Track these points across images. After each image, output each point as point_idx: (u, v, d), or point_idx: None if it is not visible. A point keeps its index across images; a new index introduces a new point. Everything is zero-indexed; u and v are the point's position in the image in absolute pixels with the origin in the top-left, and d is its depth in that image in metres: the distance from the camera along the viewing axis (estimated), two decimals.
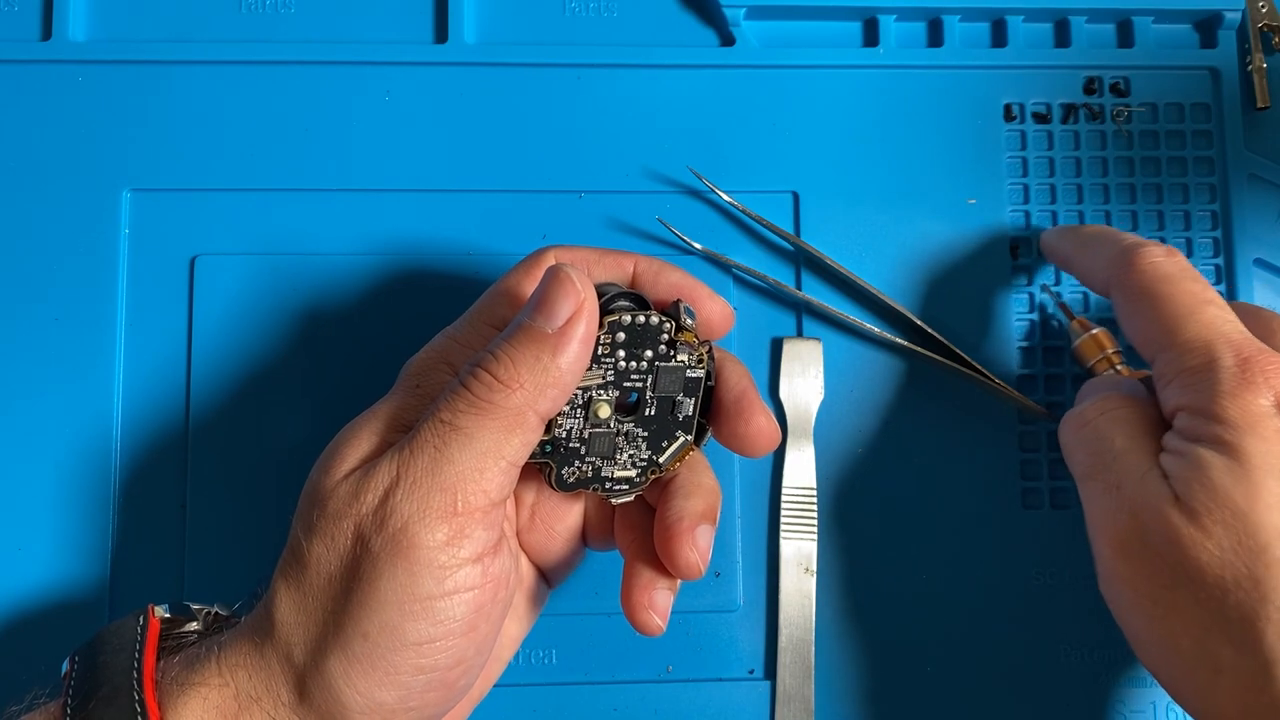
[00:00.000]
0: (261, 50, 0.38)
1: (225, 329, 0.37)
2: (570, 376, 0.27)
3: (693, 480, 0.30)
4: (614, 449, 0.29)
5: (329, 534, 0.26)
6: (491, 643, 0.28)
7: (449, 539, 0.26)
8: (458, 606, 0.26)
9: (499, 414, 0.26)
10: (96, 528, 0.36)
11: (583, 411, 0.29)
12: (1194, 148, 0.40)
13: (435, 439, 0.26)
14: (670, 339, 0.28)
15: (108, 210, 0.37)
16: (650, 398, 0.29)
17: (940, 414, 0.38)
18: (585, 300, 0.27)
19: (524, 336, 0.27)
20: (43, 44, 0.38)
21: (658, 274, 0.31)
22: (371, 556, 0.25)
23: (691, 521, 0.29)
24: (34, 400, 0.36)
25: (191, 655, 0.27)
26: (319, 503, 0.27)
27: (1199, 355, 0.29)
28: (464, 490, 0.26)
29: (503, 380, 0.26)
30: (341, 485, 0.27)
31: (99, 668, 0.27)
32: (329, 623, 0.26)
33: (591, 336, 0.27)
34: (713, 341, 0.31)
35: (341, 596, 0.26)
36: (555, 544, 0.32)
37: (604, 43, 0.39)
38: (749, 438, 0.30)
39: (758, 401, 0.30)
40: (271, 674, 0.26)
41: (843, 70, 0.39)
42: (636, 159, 0.39)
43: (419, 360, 0.30)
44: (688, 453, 0.30)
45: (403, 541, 0.25)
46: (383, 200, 0.38)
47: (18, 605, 0.35)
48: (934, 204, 0.39)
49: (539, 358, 0.26)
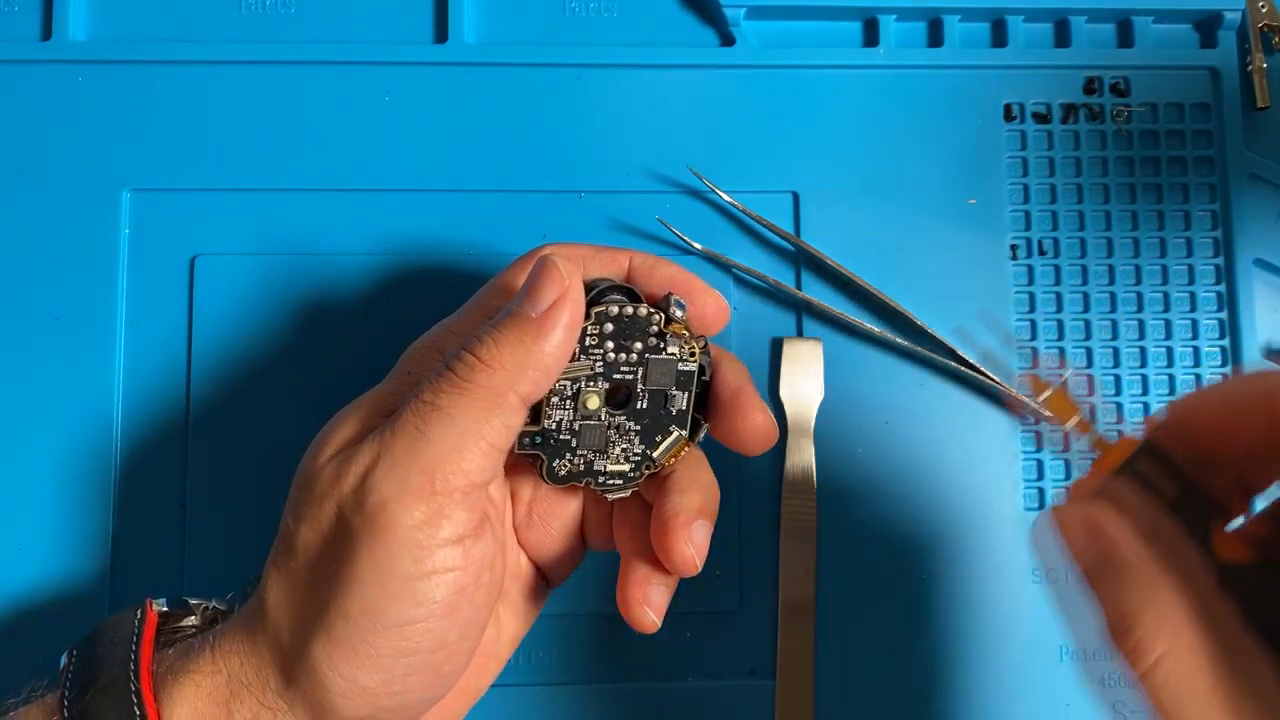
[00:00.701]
0: (261, 50, 0.38)
1: (225, 329, 0.37)
2: (552, 360, 0.27)
3: (690, 476, 0.30)
4: (606, 442, 0.29)
5: (313, 516, 0.26)
6: (477, 628, 0.28)
7: (427, 519, 0.26)
8: (437, 588, 0.26)
9: (479, 394, 0.26)
10: (96, 525, 0.36)
11: (572, 403, 0.29)
12: (1194, 148, 0.40)
13: (416, 419, 0.26)
14: (660, 331, 0.29)
15: (108, 210, 0.37)
16: (641, 390, 0.29)
17: (940, 414, 0.38)
18: (570, 287, 0.27)
19: (509, 320, 0.27)
20: (43, 44, 0.38)
21: (652, 269, 0.31)
22: (351, 536, 0.26)
23: (688, 517, 0.29)
24: (34, 399, 0.36)
25: (187, 646, 0.27)
26: (305, 486, 0.27)
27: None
28: (443, 470, 0.26)
29: (484, 360, 0.26)
30: (326, 467, 0.27)
31: (96, 660, 0.27)
32: (313, 605, 0.26)
33: (576, 323, 0.27)
34: (708, 337, 0.31)
35: (325, 579, 0.26)
36: (553, 541, 0.32)
37: (604, 43, 0.39)
38: (746, 435, 0.30)
39: (755, 398, 0.30)
40: (262, 659, 0.26)
41: (843, 70, 0.39)
42: (636, 159, 0.39)
43: (413, 348, 0.30)
44: (682, 448, 0.30)
45: (380, 520, 0.25)
46: (383, 200, 0.38)
47: (18, 601, 0.35)
48: (934, 204, 0.39)
49: (521, 340, 0.27)
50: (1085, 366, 0.38)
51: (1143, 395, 0.38)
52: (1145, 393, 0.38)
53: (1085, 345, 0.39)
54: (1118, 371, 0.38)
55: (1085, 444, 0.26)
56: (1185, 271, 0.39)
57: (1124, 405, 0.38)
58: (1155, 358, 0.39)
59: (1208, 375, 0.38)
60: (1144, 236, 0.39)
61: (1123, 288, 0.39)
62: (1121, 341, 0.39)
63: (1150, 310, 0.39)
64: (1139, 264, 0.39)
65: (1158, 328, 0.39)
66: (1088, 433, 0.26)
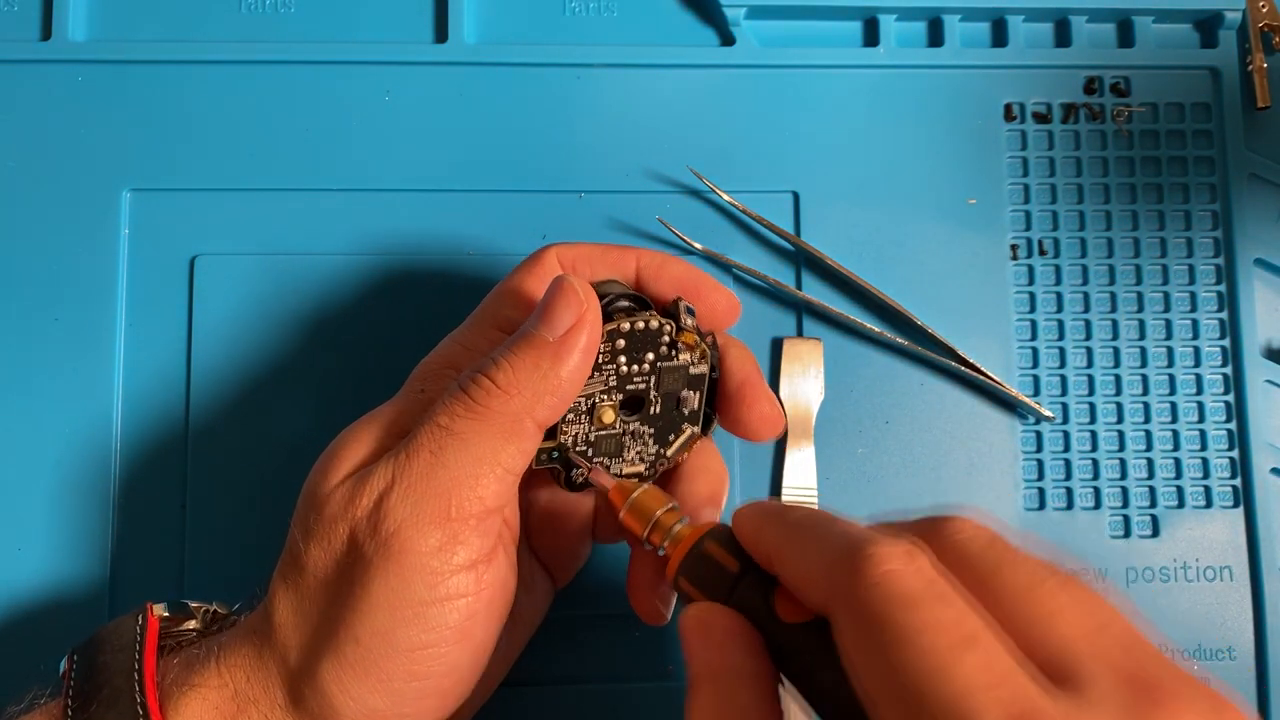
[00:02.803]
0: (261, 50, 0.38)
1: (225, 329, 0.37)
2: (570, 385, 0.27)
3: (698, 465, 0.30)
4: (621, 448, 0.29)
5: (325, 537, 0.26)
6: (487, 651, 0.28)
7: (442, 544, 0.25)
8: (450, 614, 0.26)
9: (496, 420, 0.26)
10: (96, 526, 0.36)
11: (587, 417, 0.29)
12: (1194, 147, 0.40)
13: (431, 443, 0.26)
14: (671, 340, 0.29)
15: (108, 210, 0.37)
16: (654, 397, 0.29)
17: (940, 414, 0.38)
18: (588, 310, 0.27)
19: (525, 344, 0.27)
20: (43, 44, 0.38)
21: (660, 268, 0.31)
22: (365, 560, 0.25)
23: (695, 504, 0.29)
24: (34, 399, 0.36)
25: (191, 656, 0.27)
26: (316, 506, 0.27)
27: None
28: (458, 496, 0.26)
29: (501, 386, 0.26)
30: (338, 489, 0.26)
31: (99, 668, 0.27)
32: (323, 626, 0.26)
33: (594, 347, 0.27)
34: (715, 332, 0.31)
35: (336, 600, 0.26)
36: (568, 542, 0.32)
37: (604, 43, 0.39)
38: (752, 424, 0.30)
39: (761, 386, 0.30)
40: (269, 676, 0.26)
41: (843, 70, 0.39)
42: (636, 159, 0.39)
43: (425, 364, 0.30)
44: (695, 443, 0.30)
45: (395, 546, 0.25)
46: (383, 200, 0.38)
47: (17, 603, 0.35)
48: (934, 204, 0.39)
49: (538, 365, 0.26)
50: (1086, 367, 0.38)
51: (1143, 395, 0.38)
52: (1145, 393, 0.38)
53: (1085, 345, 0.39)
54: (1118, 371, 0.38)
55: (661, 543, 0.27)
56: (1185, 271, 0.39)
57: (1124, 405, 0.38)
58: (1155, 358, 0.39)
59: (1208, 375, 0.38)
60: (1144, 236, 0.39)
61: (1123, 288, 0.39)
62: (1121, 341, 0.39)
63: (1150, 310, 0.39)
64: (1139, 264, 0.39)
65: (1158, 328, 0.39)
66: (664, 533, 0.27)
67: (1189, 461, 0.38)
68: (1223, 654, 0.37)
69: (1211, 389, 0.38)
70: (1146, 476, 0.38)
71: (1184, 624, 0.37)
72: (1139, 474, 0.38)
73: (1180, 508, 0.38)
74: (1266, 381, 0.38)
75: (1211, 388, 0.38)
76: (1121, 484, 0.38)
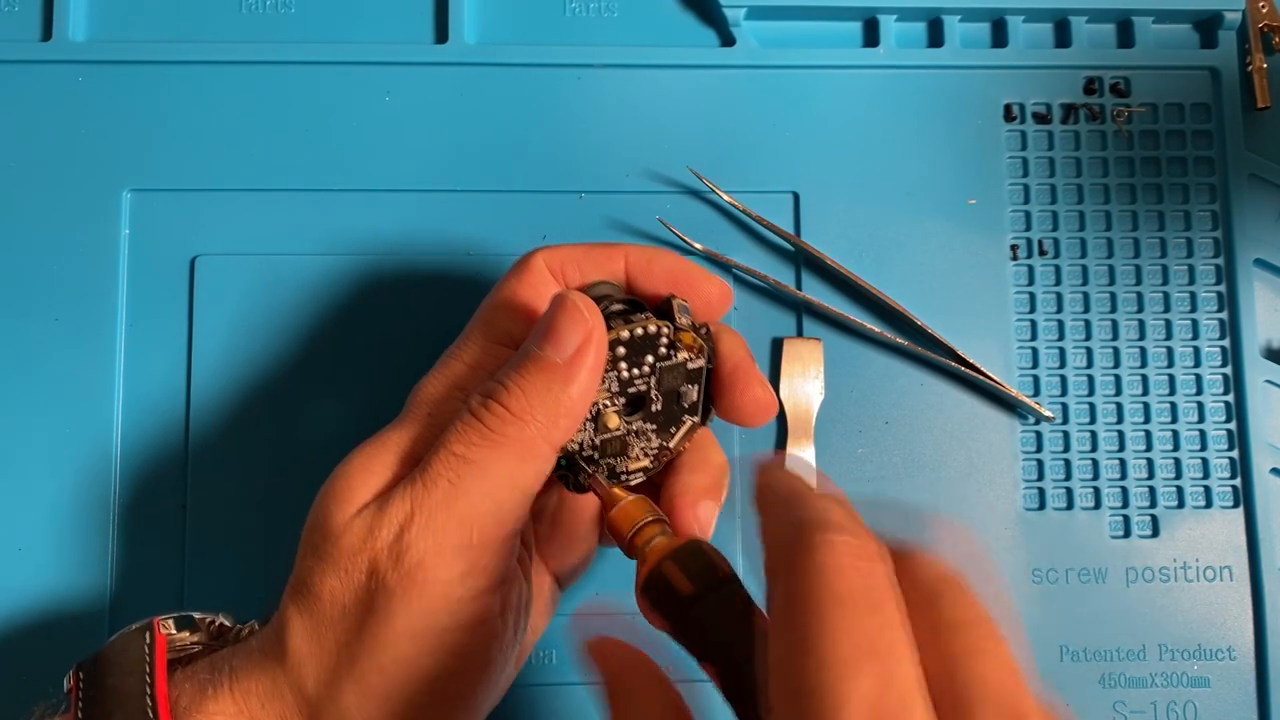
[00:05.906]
0: (261, 50, 0.38)
1: (226, 329, 0.37)
2: (581, 404, 0.27)
3: (698, 456, 0.30)
4: (626, 447, 0.29)
5: (344, 568, 0.26)
6: (506, 671, 0.28)
7: (465, 572, 0.25)
8: (474, 639, 0.26)
9: (512, 446, 0.26)
10: (96, 528, 0.36)
11: (592, 424, 0.29)
12: (1194, 148, 0.40)
13: (449, 472, 0.26)
14: (670, 341, 0.29)
15: (108, 210, 0.37)
16: (655, 395, 0.29)
17: (940, 414, 0.38)
18: (594, 329, 0.26)
19: (534, 367, 0.26)
20: (43, 44, 0.38)
21: (649, 263, 0.31)
22: (387, 591, 0.25)
23: (694, 496, 0.29)
24: (34, 401, 0.36)
25: (203, 681, 0.27)
26: (332, 536, 0.26)
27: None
28: (480, 524, 0.25)
29: (515, 413, 0.26)
30: (356, 521, 0.26)
31: (108, 691, 0.26)
32: (343, 655, 0.26)
33: (601, 364, 0.27)
34: (709, 324, 0.31)
35: (356, 629, 0.26)
36: (577, 544, 0.32)
37: (604, 43, 0.39)
38: (744, 409, 0.30)
39: (753, 371, 0.30)
40: (285, 703, 0.26)
41: (843, 70, 0.39)
42: (636, 159, 0.39)
43: (429, 387, 0.29)
44: (696, 432, 0.30)
45: (418, 577, 0.25)
46: (383, 200, 0.38)
47: (18, 610, 0.35)
48: (934, 204, 0.39)
49: (550, 388, 0.26)
50: (1085, 367, 0.38)
51: (1143, 395, 0.38)
52: (1145, 393, 0.38)
53: (1085, 345, 0.39)
54: (1118, 371, 0.38)
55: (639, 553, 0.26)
56: (1185, 271, 0.39)
57: (1124, 405, 0.38)
58: (1155, 358, 0.39)
59: (1207, 375, 0.38)
60: (1144, 236, 0.39)
61: (1123, 288, 0.39)
62: (1121, 341, 0.39)
63: (1150, 310, 0.39)
64: (1139, 264, 0.39)
65: (1158, 328, 0.39)
66: (638, 550, 0.26)
67: (1189, 461, 0.38)
68: (1222, 654, 0.37)
69: (1211, 389, 0.38)
70: (1146, 476, 0.38)
71: (1184, 624, 0.37)
72: (1139, 474, 0.38)
73: (1180, 508, 0.38)
74: (1266, 381, 0.38)
75: (1211, 388, 0.38)
76: (1121, 484, 0.38)
